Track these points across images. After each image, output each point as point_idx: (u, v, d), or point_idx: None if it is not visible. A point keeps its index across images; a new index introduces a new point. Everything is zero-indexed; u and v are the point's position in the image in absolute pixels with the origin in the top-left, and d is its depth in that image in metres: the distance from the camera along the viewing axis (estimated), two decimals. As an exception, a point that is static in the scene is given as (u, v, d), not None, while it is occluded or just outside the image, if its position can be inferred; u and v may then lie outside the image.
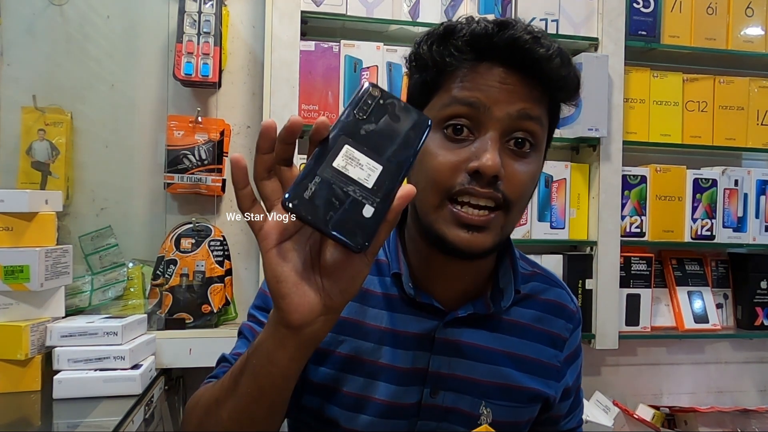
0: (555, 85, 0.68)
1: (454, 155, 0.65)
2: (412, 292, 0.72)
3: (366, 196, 0.47)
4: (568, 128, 1.63)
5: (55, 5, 1.51)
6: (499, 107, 0.64)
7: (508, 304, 0.75)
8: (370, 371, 0.72)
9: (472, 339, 0.74)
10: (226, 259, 1.49)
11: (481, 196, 0.64)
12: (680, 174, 1.72)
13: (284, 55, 1.45)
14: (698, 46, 1.73)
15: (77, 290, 1.39)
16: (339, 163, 0.47)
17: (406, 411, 0.72)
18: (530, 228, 1.62)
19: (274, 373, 0.53)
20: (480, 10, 1.58)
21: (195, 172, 1.47)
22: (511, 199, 0.65)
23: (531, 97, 0.66)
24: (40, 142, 1.45)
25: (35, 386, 1.16)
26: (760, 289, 1.79)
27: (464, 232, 0.65)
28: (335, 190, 0.47)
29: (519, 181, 0.66)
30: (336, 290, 0.49)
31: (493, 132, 0.64)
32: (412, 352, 0.73)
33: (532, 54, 0.65)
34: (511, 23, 0.66)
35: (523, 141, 0.66)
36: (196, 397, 0.68)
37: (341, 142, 0.48)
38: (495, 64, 0.66)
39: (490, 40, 0.65)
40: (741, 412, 1.75)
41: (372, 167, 0.48)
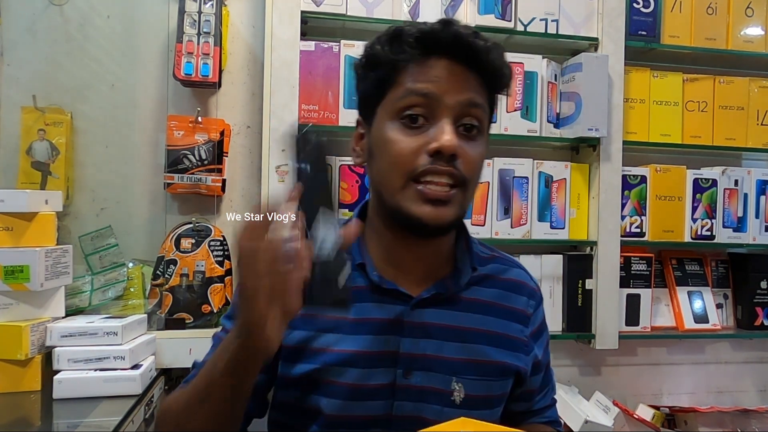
0: (493, 75, 0.76)
1: (413, 140, 0.72)
2: (377, 279, 0.78)
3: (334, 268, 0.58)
4: (568, 128, 1.63)
5: (55, 5, 1.51)
6: (450, 96, 0.72)
7: (465, 281, 0.80)
8: (341, 359, 0.76)
9: (438, 319, 0.79)
10: (226, 259, 1.49)
11: (443, 174, 0.71)
12: (680, 174, 1.72)
13: (284, 55, 1.45)
14: (698, 46, 1.73)
15: (77, 290, 1.39)
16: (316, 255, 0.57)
17: (380, 392, 0.76)
18: (530, 228, 1.62)
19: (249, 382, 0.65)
20: (480, 10, 1.58)
21: (195, 172, 1.47)
22: (467, 177, 0.73)
23: (475, 87, 0.74)
24: (40, 142, 1.45)
25: (35, 386, 1.16)
26: (760, 289, 1.79)
27: (429, 206, 0.72)
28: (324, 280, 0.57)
29: (472, 160, 0.73)
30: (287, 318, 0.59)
31: (447, 117, 0.72)
32: (383, 336, 0.77)
33: (473, 46, 0.73)
34: (455, 22, 0.74)
35: (471, 126, 0.74)
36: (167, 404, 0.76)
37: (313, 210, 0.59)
38: (442, 58, 0.73)
39: (437, 36, 0.73)
40: (741, 412, 1.74)
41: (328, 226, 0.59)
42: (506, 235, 1.58)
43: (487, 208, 1.59)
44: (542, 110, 1.63)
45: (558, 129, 1.65)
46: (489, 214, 1.59)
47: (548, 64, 1.63)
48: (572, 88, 1.61)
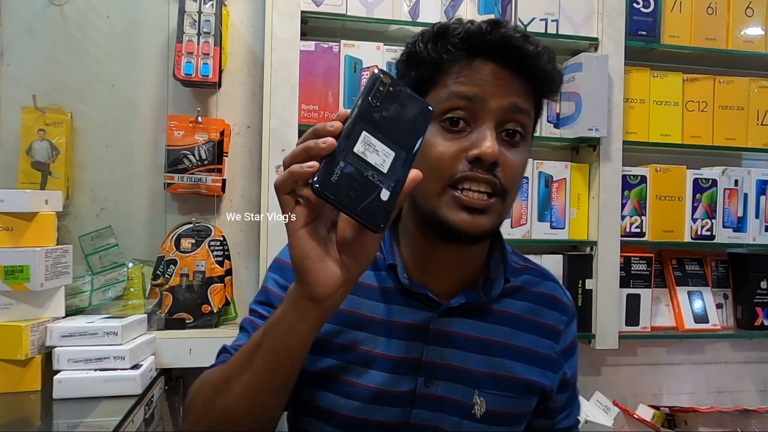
0: (541, 80, 0.73)
1: (454, 144, 0.69)
2: (407, 283, 0.75)
3: (382, 180, 0.52)
4: (568, 128, 1.63)
5: (55, 5, 1.51)
6: (494, 100, 0.69)
7: (497, 292, 0.77)
8: (365, 360, 0.74)
9: (465, 330, 0.76)
10: (226, 259, 1.49)
11: (482, 182, 0.68)
12: (680, 174, 1.72)
13: (284, 55, 1.45)
14: (698, 46, 1.73)
15: (77, 290, 1.39)
16: (359, 149, 0.52)
17: (401, 399, 0.74)
18: (530, 228, 1.62)
19: (293, 344, 0.58)
20: (480, 10, 1.58)
21: (195, 172, 1.47)
22: (506, 186, 0.70)
23: (521, 91, 0.71)
24: (40, 142, 1.45)
25: (35, 386, 1.16)
26: (760, 289, 1.79)
27: (466, 214, 0.69)
28: (357, 176, 0.51)
29: (513, 168, 0.71)
30: (353, 263, 0.55)
31: (489, 122, 0.69)
32: (406, 342, 0.75)
33: (523, 51, 0.70)
34: (503, 23, 0.71)
35: (514, 132, 0.71)
36: (200, 381, 0.70)
37: (359, 129, 0.52)
38: (488, 61, 0.70)
39: (484, 38, 0.70)
40: (741, 412, 1.74)
41: (386, 153, 0.53)
42: (506, 235, 1.58)
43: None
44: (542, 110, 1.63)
45: (558, 129, 1.65)
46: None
47: (548, 64, 1.63)
48: (572, 88, 1.61)
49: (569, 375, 0.84)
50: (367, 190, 0.51)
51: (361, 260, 0.56)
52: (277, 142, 1.44)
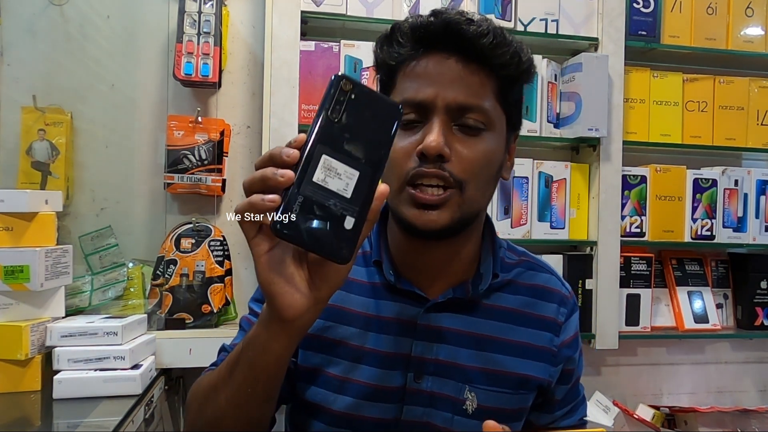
0: (494, 64, 0.70)
1: (406, 142, 0.69)
2: (392, 279, 0.75)
3: (346, 207, 0.49)
4: (568, 128, 1.63)
5: (55, 5, 1.51)
6: (442, 99, 0.68)
7: (485, 287, 0.76)
8: (355, 355, 0.75)
9: (455, 325, 0.76)
10: (226, 259, 1.49)
11: (431, 176, 0.68)
12: (680, 174, 1.72)
13: (284, 55, 1.45)
14: (698, 46, 1.73)
15: (77, 290, 1.39)
16: (318, 177, 0.49)
17: (391, 395, 0.74)
18: (530, 228, 1.62)
19: (269, 361, 0.58)
20: (480, 10, 1.58)
21: (195, 172, 1.47)
22: (461, 178, 0.68)
23: (472, 85, 0.69)
24: (40, 142, 1.45)
25: (35, 386, 1.16)
26: (760, 289, 1.79)
27: (419, 211, 0.69)
28: (318, 209, 0.48)
29: (467, 160, 0.69)
30: (323, 284, 0.54)
31: (437, 117, 0.68)
32: (395, 337, 0.75)
33: (464, 34, 0.67)
34: (446, 11, 0.69)
35: (472, 124, 0.70)
36: (197, 384, 0.72)
37: (318, 153, 0.49)
38: (435, 53, 0.69)
39: (427, 29, 0.69)
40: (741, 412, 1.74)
41: (350, 174, 0.50)
42: (506, 235, 1.58)
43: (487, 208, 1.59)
44: (542, 110, 1.63)
45: (558, 129, 1.65)
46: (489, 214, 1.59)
47: (548, 64, 1.63)
48: (572, 88, 1.61)
49: (571, 367, 0.82)
50: (330, 222, 0.49)
51: (331, 281, 0.54)
52: (277, 142, 1.44)
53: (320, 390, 0.75)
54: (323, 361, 0.75)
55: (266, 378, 0.60)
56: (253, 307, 0.81)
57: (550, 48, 1.69)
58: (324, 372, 0.75)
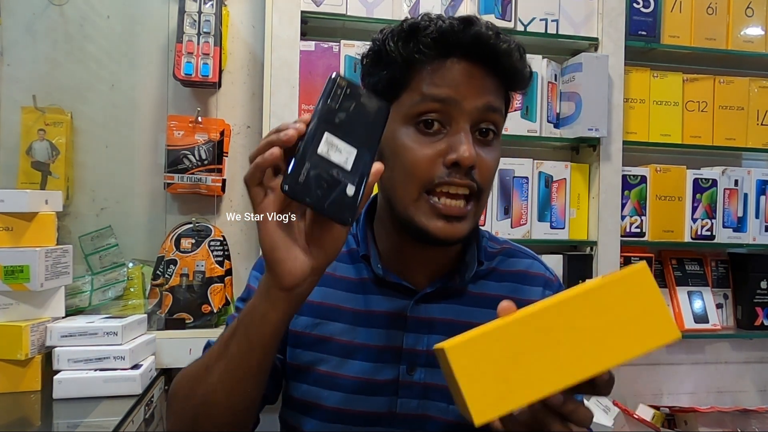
0: (513, 77, 0.73)
1: (430, 148, 0.69)
2: (381, 273, 0.76)
3: (347, 176, 0.55)
4: (568, 128, 1.63)
5: (55, 5, 1.51)
6: (468, 101, 0.69)
7: (471, 275, 0.77)
8: (345, 350, 0.75)
9: (444, 314, 0.77)
10: (226, 259, 1.49)
11: (461, 186, 0.69)
12: (680, 174, 1.72)
13: (284, 55, 1.45)
14: (698, 46, 1.73)
15: (77, 290, 1.39)
16: (322, 150, 0.54)
17: (384, 388, 0.75)
18: (530, 228, 1.62)
19: (265, 332, 0.60)
20: (480, 10, 1.57)
21: (195, 172, 1.47)
22: (482, 187, 0.71)
23: (493, 89, 0.71)
24: (40, 142, 1.45)
25: (35, 386, 1.16)
26: (760, 289, 1.79)
27: (444, 222, 0.69)
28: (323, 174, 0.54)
29: (488, 168, 0.71)
30: (321, 253, 0.58)
31: (464, 124, 0.69)
32: (385, 330, 0.75)
33: (495, 49, 0.69)
34: (475, 20, 0.70)
35: (487, 130, 0.71)
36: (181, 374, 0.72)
37: (321, 130, 0.54)
38: (460, 60, 0.70)
39: (456, 37, 0.69)
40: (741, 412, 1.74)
41: (349, 151, 0.55)
42: (506, 235, 1.58)
43: (487, 208, 1.59)
44: (542, 110, 1.63)
45: (558, 129, 1.65)
46: (489, 214, 1.59)
47: (548, 64, 1.63)
48: (572, 88, 1.61)
49: None
50: (334, 187, 0.54)
51: (328, 251, 0.58)
52: (277, 142, 1.44)
53: (312, 387, 0.76)
54: (313, 359, 0.76)
55: (261, 349, 0.61)
56: (239, 306, 0.82)
57: (550, 48, 1.69)
58: (315, 369, 0.76)
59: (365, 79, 0.77)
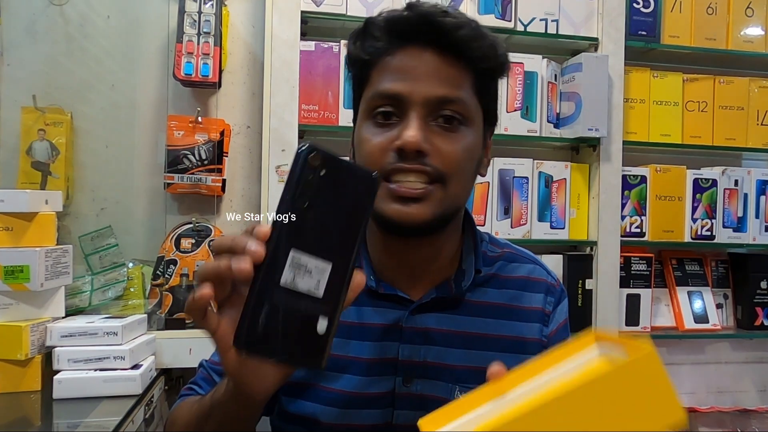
0: (472, 56, 0.69)
1: (382, 137, 0.68)
2: (374, 285, 0.74)
3: (317, 308, 0.44)
4: (568, 128, 1.63)
5: (55, 5, 1.51)
6: (419, 93, 0.67)
7: (468, 284, 0.75)
8: (339, 365, 0.73)
9: (441, 325, 0.74)
10: (226, 259, 1.48)
11: (410, 172, 0.67)
12: (680, 174, 1.72)
13: (284, 55, 1.45)
14: (698, 46, 1.73)
15: (77, 290, 1.39)
16: (287, 279, 0.43)
17: (380, 401, 0.73)
18: (530, 228, 1.62)
19: (240, 424, 0.58)
20: (480, 10, 1.57)
21: (195, 172, 1.47)
22: (444, 172, 0.67)
23: (449, 78, 0.68)
24: (40, 142, 1.45)
25: (35, 386, 1.16)
26: (760, 289, 1.79)
27: (400, 204, 0.67)
28: (287, 317, 0.43)
29: (448, 155, 0.68)
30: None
31: (415, 113, 0.67)
32: (380, 343, 0.74)
33: (441, 26, 0.67)
34: (421, 4, 0.69)
35: (451, 118, 0.69)
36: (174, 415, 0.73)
37: (285, 249, 0.43)
38: (411, 46, 0.68)
39: (402, 22, 0.68)
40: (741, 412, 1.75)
41: (320, 269, 0.44)
42: (506, 235, 1.58)
43: (487, 208, 1.59)
44: (542, 110, 1.63)
45: (558, 129, 1.65)
46: (489, 214, 1.59)
47: (548, 64, 1.63)
48: (572, 88, 1.61)
49: None
50: (301, 330, 0.44)
51: None
52: (277, 142, 1.44)
53: (307, 403, 0.74)
54: (307, 375, 0.74)
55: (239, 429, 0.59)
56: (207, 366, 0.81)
57: (550, 48, 1.69)
58: (309, 385, 0.74)
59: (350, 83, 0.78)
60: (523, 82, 1.61)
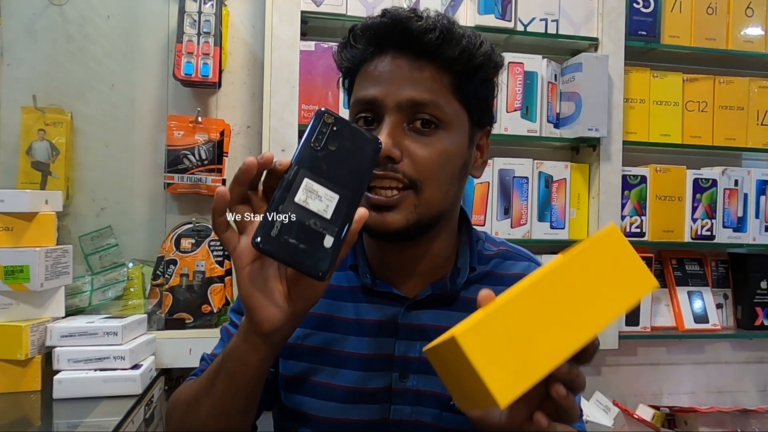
0: (442, 59, 0.68)
1: None
2: (369, 282, 0.75)
3: (325, 227, 0.52)
4: (568, 128, 1.63)
5: (55, 5, 1.51)
6: (392, 97, 0.68)
7: (463, 281, 0.76)
8: (337, 360, 0.75)
9: (436, 321, 0.75)
10: (226, 259, 1.49)
11: (382, 179, 0.67)
12: (680, 174, 1.72)
13: (284, 55, 1.45)
14: (698, 46, 1.73)
15: (77, 290, 1.39)
16: (300, 198, 0.52)
17: (376, 396, 0.74)
18: (530, 228, 1.62)
19: (248, 373, 0.60)
20: (480, 10, 1.58)
21: (195, 172, 1.47)
22: (416, 178, 0.68)
23: (422, 81, 0.68)
24: (40, 142, 1.45)
25: (35, 386, 1.16)
26: (760, 289, 1.79)
27: (375, 212, 0.68)
28: (298, 226, 0.51)
29: (421, 160, 0.68)
30: (300, 300, 0.56)
31: (389, 118, 0.68)
32: (377, 338, 0.75)
33: (409, 31, 0.67)
34: (396, 9, 0.69)
35: (428, 122, 0.69)
36: (176, 395, 0.74)
37: (300, 176, 0.52)
38: (387, 53, 0.70)
39: (376, 28, 0.69)
40: (741, 412, 1.75)
41: (330, 197, 0.52)
42: (506, 235, 1.58)
43: (487, 208, 1.59)
44: (542, 110, 1.63)
45: (558, 129, 1.65)
46: (489, 214, 1.59)
47: (548, 64, 1.63)
48: (572, 88, 1.61)
49: None
50: (310, 240, 0.51)
51: (309, 296, 0.56)
52: (277, 142, 1.44)
53: (306, 398, 0.76)
54: (306, 369, 0.76)
55: (246, 388, 0.62)
56: (232, 318, 0.81)
57: (550, 48, 1.69)
58: (308, 380, 0.76)
59: None
60: (523, 82, 1.61)
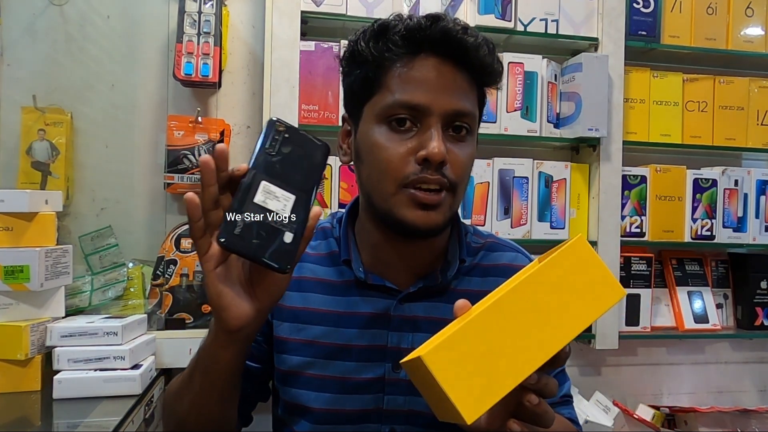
0: (482, 72, 0.74)
1: (401, 146, 0.71)
2: (362, 276, 0.78)
3: (285, 224, 0.56)
4: (568, 128, 1.63)
5: (55, 5, 1.51)
6: (438, 105, 0.70)
7: (453, 273, 0.79)
8: (330, 352, 0.77)
9: (427, 312, 0.78)
10: (226, 259, 1.48)
11: (432, 182, 0.70)
12: (680, 174, 1.72)
13: (284, 55, 1.45)
14: (698, 46, 1.73)
15: (77, 290, 1.39)
16: (259, 199, 0.56)
17: (370, 386, 0.76)
18: (530, 228, 1.62)
19: (220, 369, 0.64)
20: (480, 10, 1.58)
21: (195, 172, 1.47)
22: (455, 181, 0.72)
23: (464, 89, 0.72)
24: (40, 142, 1.45)
25: (35, 386, 1.16)
26: (760, 289, 1.79)
27: (421, 211, 0.71)
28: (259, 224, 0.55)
29: (461, 164, 0.72)
30: (266, 296, 0.60)
31: (435, 123, 0.70)
32: (370, 330, 0.77)
33: (463, 43, 0.71)
34: (442, 17, 0.71)
35: (460, 127, 0.73)
36: (169, 387, 0.78)
37: (258, 179, 0.56)
38: (429, 57, 0.71)
39: (424, 33, 0.71)
40: (741, 412, 1.75)
41: (286, 197, 0.56)
42: (506, 235, 1.58)
43: (487, 208, 1.59)
44: (542, 110, 1.63)
45: (558, 129, 1.65)
46: (489, 214, 1.59)
47: (548, 64, 1.63)
48: (572, 88, 1.61)
49: None
50: (271, 236, 0.55)
51: (272, 293, 0.60)
52: (277, 142, 1.44)
53: (300, 391, 0.78)
54: (299, 363, 0.78)
55: (221, 383, 0.66)
56: None
57: (550, 48, 1.69)
58: (301, 373, 0.78)
59: (344, 80, 0.79)
60: (523, 82, 1.61)
